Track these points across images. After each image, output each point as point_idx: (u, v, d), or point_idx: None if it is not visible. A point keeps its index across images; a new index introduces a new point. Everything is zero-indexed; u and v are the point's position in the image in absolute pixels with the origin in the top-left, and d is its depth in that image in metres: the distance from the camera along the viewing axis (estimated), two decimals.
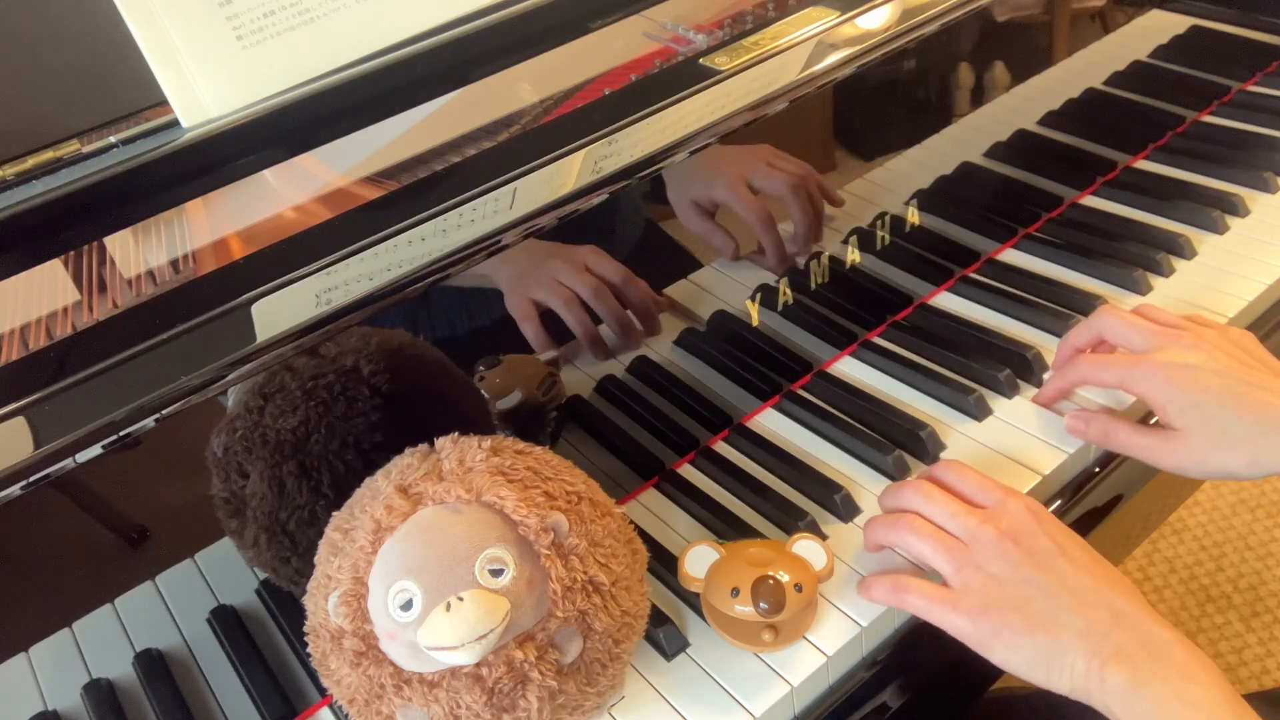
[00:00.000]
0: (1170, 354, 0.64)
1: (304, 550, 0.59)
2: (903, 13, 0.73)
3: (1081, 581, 0.55)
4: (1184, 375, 0.63)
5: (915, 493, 0.62)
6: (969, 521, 0.58)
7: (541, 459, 0.55)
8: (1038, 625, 0.54)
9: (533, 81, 0.70)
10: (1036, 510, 0.59)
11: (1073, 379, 0.71)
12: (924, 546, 0.59)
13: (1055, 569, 0.55)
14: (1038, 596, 0.54)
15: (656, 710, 0.58)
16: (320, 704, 0.61)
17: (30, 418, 0.48)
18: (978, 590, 0.56)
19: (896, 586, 0.59)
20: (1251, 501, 1.54)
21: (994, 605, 0.55)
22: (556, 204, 0.59)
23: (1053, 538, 0.57)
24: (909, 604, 0.58)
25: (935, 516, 0.60)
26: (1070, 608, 0.54)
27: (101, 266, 0.57)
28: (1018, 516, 0.58)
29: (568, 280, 0.65)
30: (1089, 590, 0.54)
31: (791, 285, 0.79)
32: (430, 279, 0.56)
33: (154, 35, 0.61)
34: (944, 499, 0.60)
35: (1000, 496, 0.60)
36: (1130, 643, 0.52)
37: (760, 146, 0.72)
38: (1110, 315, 0.69)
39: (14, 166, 0.60)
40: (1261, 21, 1.03)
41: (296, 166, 0.64)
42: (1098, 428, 0.68)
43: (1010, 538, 0.57)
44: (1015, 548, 0.56)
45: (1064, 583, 0.55)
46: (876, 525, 0.62)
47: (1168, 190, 0.93)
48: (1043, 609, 0.54)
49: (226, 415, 0.58)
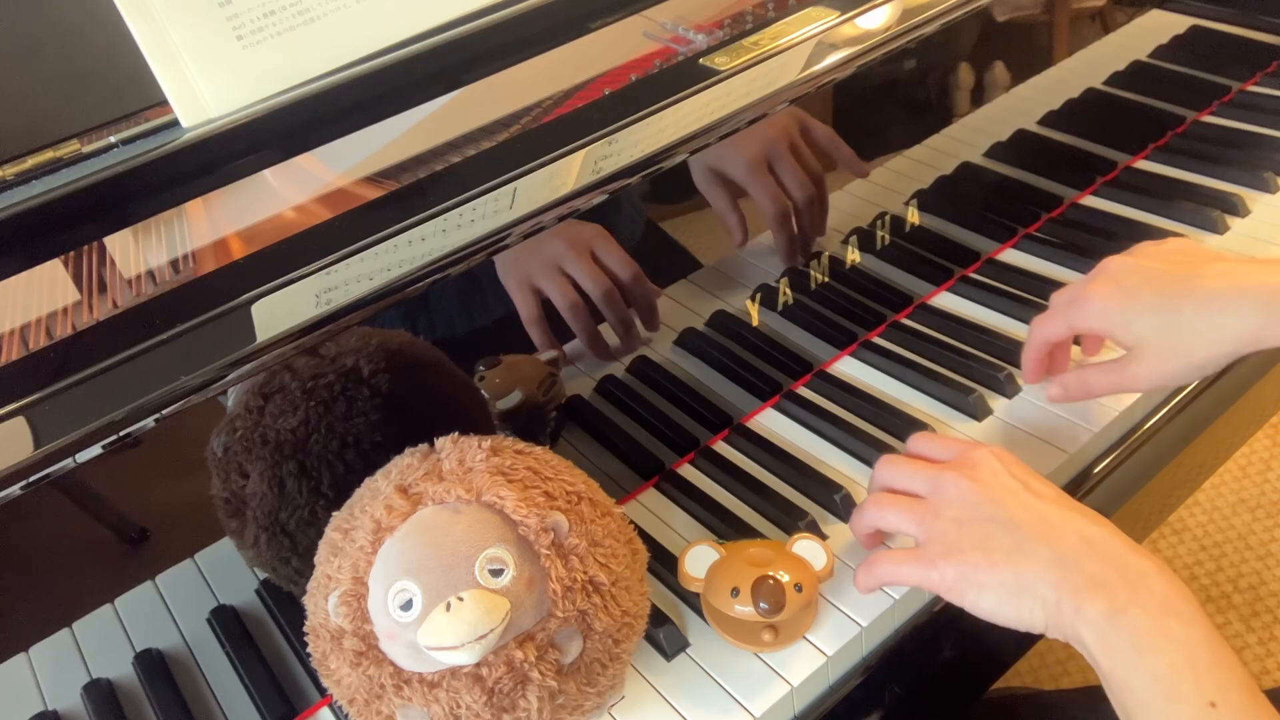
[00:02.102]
0: (1097, 280, 0.64)
1: (304, 550, 0.59)
2: (903, 13, 0.73)
3: (1048, 512, 0.53)
4: (1118, 294, 0.62)
5: (881, 467, 0.61)
6: (929, 473, 0.57)
7: (541, 459, 0.55)
8: (1001, 558, 0.51)
9: (533, 81, 0.70)
10: (1000, 454, 0.57)
11: (1033, 346, 0.69)
12: (889, 514, 0.57)
13: (1019, 501, 0.53)
14: (999, 531, 0.52)
15: (656, 710, 0.58)
16: (320, 704, 0.61)
17: (30, 418, 0.48)
18: (939, 537, 0.54)
19: (869, 565, 0.58)
20: (1251, 501, 1.54)
21: (955, 547, 0.53)
22: (556, 204, 0.59)
23: (1017, 475, 0.55)
24: (884, 575, 0.57)
25: (898, 483, 0.59)
26: (1036, 536, 0.52)
27: (101, 266, 0.57)
28: (980, 460, 0.56)
29: (570, 268, 0.65)
30: (1056, 519, 0.52)
31: (791, 285, 0.79)
32: (430, 279, 0.56)
33: (154, 35, 0.61)
34: (906, 463, 0.59)
35: (963, 449, 0.58)
36: (1104, 570, 0.50)
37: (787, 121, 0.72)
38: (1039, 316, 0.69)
39: (14, 166, 0.60)
40: (1261, 21, 1.03)
41: (296, 166, 0.64)
42: (1075, 384, 0.67)
43: (970, 478, 0.55)
44: (975, 486, 0.54)
45: (1028, 512, 0.53)
46: (854, 514, 0.62)
47: (1168, 190, 0.93)
48: (1005, 542, 0.52)
49: (226, 415, 0.58)
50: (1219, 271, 0.60)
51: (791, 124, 0.72)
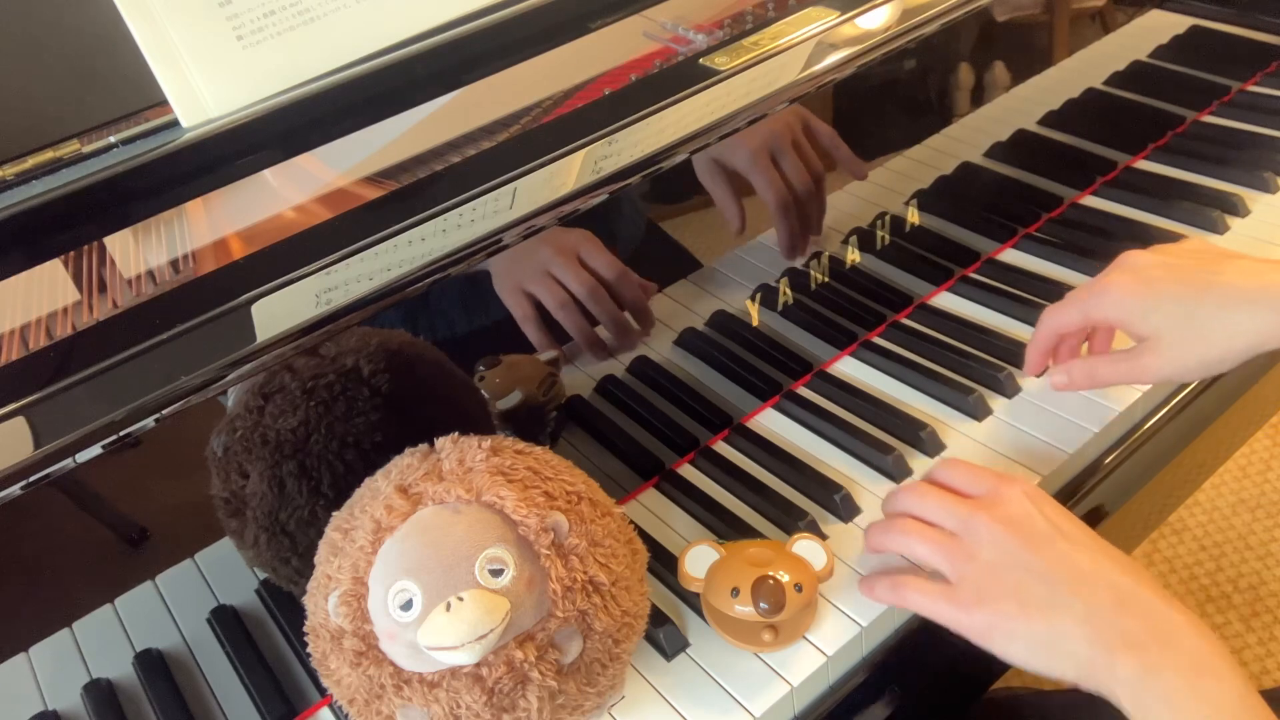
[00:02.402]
0: (1118, 271, 0.64)
1: (304, 550, 0.59)
2: (903, 13, 0.73)
3: (1081, 562, 0.53)
4: (1136, 285, 0.62)
5: (908, 494, 0.61)
6: (960, 511, 0.57)
7: (541, 459, 0.55)
8: (1034, 611, 0.52)
9: (533, 81, 0.70)
10: (1033, 494, 0.57)
11: (1042, 335, 0.69)
12: (919, 547, 0.57)
13: (1053, 551, 0.53)
14: (1033, 581, 0.52)
15: (656, 710, 0.58)
16: (320, 704, 0.61)
17: (30, 418, 0.48)
18: (972, 581, 0.54)
19: (895, 585, 0.58)
20: (1251, 501, 1.54)
21: (989, 595, 0.53)
22: (556, 204, 0.59)
23: (1050, 519, 0.55)
24: (909, 601, 0.57)
25: (928, 514, 0.59)
26: (1070, 590, 0.52)
27: (101, 266, 0.57)
28: (1012, 501, 0.56)
29: (559, 272, 0.65)
30: (1089, 571, 0.52)
31: (791, 285, 0.79)
32: (430, 279, 0.56)
33: (154, 35, 0.61)
34: (935, 495, 0.59)
35: (994, 484, 0.58)
36: (1138, 628, 0.50)
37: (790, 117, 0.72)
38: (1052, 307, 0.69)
39: (14, 166, 0.60)
40: (1261, 21, 1.03)
41: (296, 166, 0.64)
42: (1081, 373, 0.67)
43: (1004, 523, 0.55)
44: (1009, 533, 0.54)
45: (1062, 564, 0.53)
46: (874, 531, 0.62)
47: (1168, 190, 0.93)
48: (1039, 594, 0.52)
49: (226, 415, 0.58)
50: (1241, 268, 0.61)
51: (794, 119, 0.72)
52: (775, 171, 0.72)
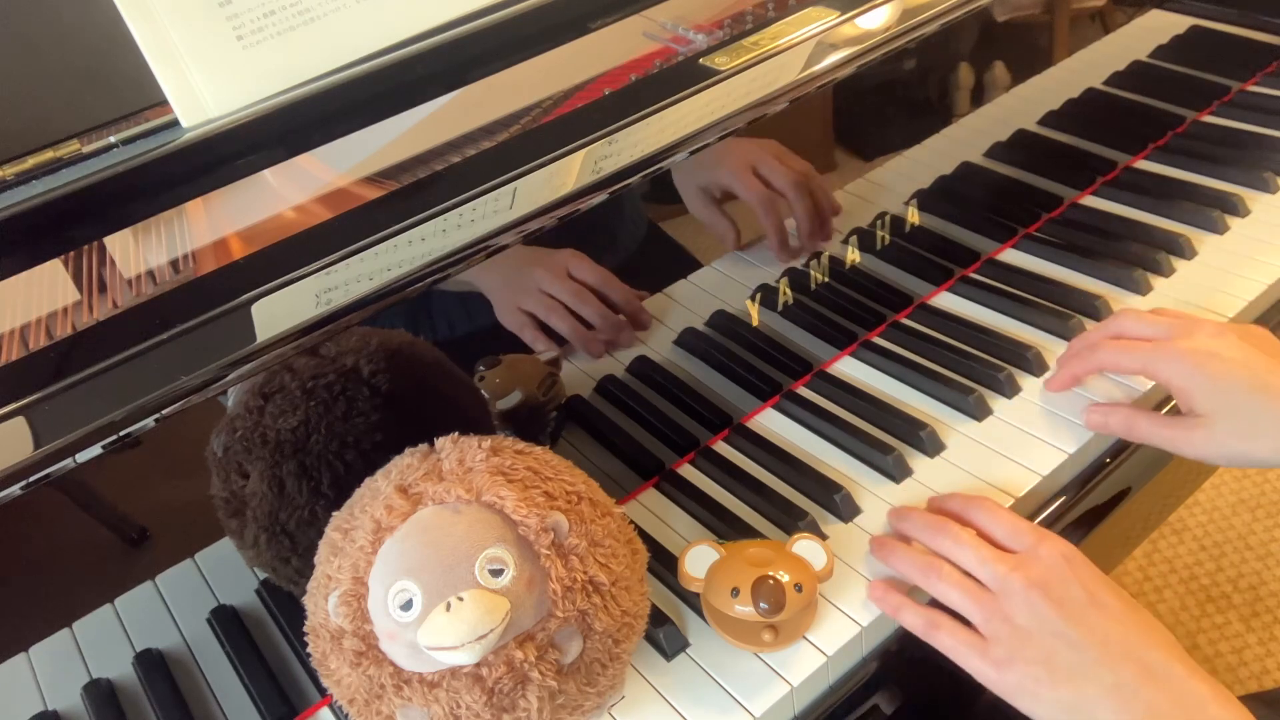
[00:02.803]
0: (1195, 340, 0.64)
1: (304, 550, 0.59)
2: (903, 13, 0.73)
3: (1111, 632, 0.54)
4: (1209, 362, 0.62)
5: (943, 534, 0.60)
6: (999, 569, 0.57)
7: (541, 459, 0.55)
8: (1063, 679, 0.53)
9: (533, 81, 0.70)
10: (1070, 555, 0.57)
11: (1092, 365, 0.70)
12: (953, 594, 0.58)
13: (1085, 620, 0.54)
14: (1064, 649, 0.53)
15: (656, 710, 0.58)
16: (320, 704, 0.61)
17: (30, 418, 0.48)
18: (1005, 640, 0.55)
19: (930, 623, 0.58)
20: (1251, 501, 1.54)
21: (1019, 657, 0.54)
22: (556, 204, 0.59)
23: (1084, 585, 0.56)
24: (938, 641, 0.58)
25: (965, 562, 0.59)
26: (1098, 660, 0.53)
27: (101, 266, 0.57)
28: (1049, 563, 0.56)
29: (551, 289, 0.65)
30: (1118, 642, 0.53)
31: (791, 285, 0.79)
32: (430, 279, 0.56)
33: (154, 35, 0.61)
34: (974, 543, 0.59)
35: (1032, 542, 0.58)
36: (1163, 701, 0.51)
37: (767, 141, 0.72)
38: (1127, 314, 0.69)
39: (14, 166, 0.60)
40: (1261, 21, 1.03)
41: (296, 166, 0.64)
42: (1119, 420, 0.68)
43: (1040, 587, 0.55)
44: (1044, 598, 0.55)
45: (1093, 634, 0.54)
46: (901, 561, 0.61)
47: (1168, 190, 0.93)
48: (1069, 661, 0.53)
49: (226, 415, 0.58)
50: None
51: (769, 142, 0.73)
52: (758, 181, 0.72)
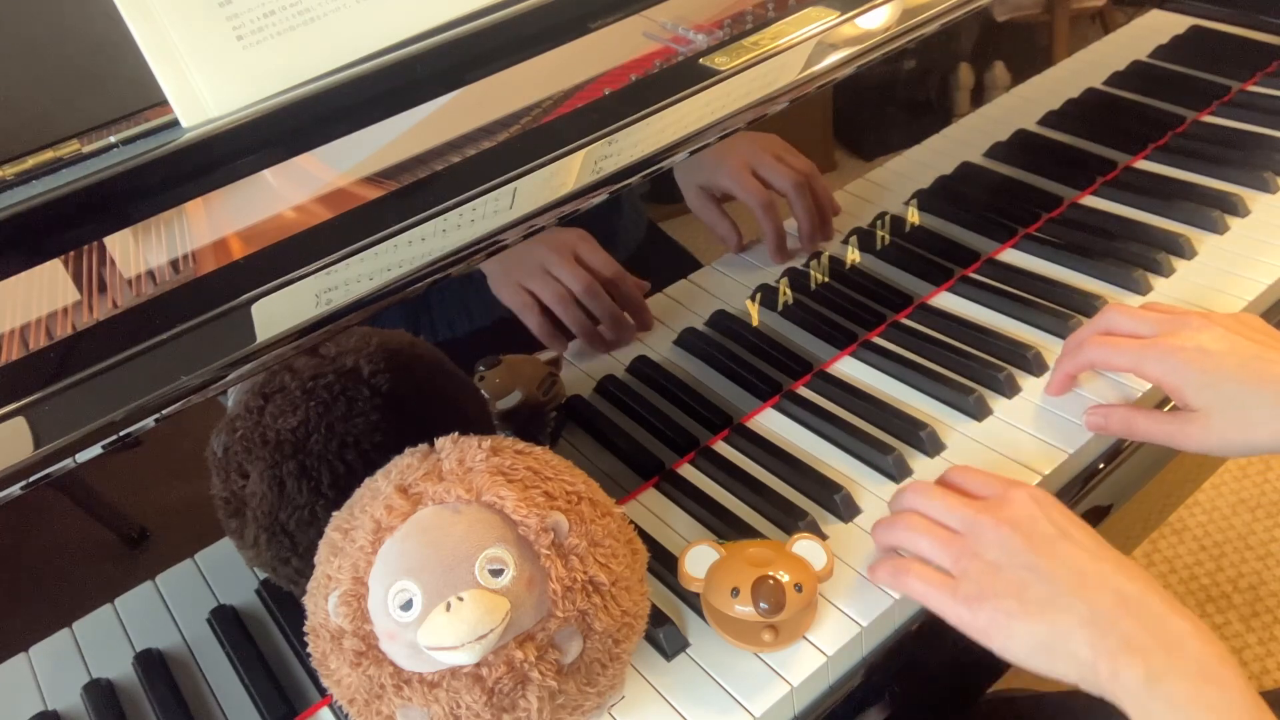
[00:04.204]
0: (1182, 336, 0.64)
1: (304, 550, 0.59)
2: (903, 13, 0.73)
3: (1085, 564, 0.53)
4: (1197, 357, 0.62)
5: (914, 493, 0.61)
6: (966, 512, 0.57)
7: (541, 459, 0.55)
8: (1035, 610, 0.52)
9: (533, 81, 0.70)
10: (1039, 497, 0.57)
11: (1082, 362, 0.70)
12: (921, 540, 0.58)
13: (1056, 553, 0.54)
14: (1036, 581, 0.53)
15: (656, 710, 0.58)
16: (320, 704, 0.61)
17: (30, 418, 0.48)
18: (975, 577, 0.55)
19: (897, 569, 0.59)
20: (1251, 501, 1.54)
21: (990, 592, 0.54)
22: (556, 204, 0.59)
23: (1055, 522, 0.55)
24: (909, 586, 0.58)
25: (934, 512, 0.59)
26: (1072, 591, 0.52)
27: (101, 266, 0.57)
28: (1019, 503, 0.57)
29: (555, 270, 0.65)
30: (1092, 574, 0.52)
31: (791, 285, 0.79)
32: (430, 279, 0.56)
33: (154, 35, 0.61)
34: (941, 494, 0.60)
35: (1001, 487, 0.59)
36: (1140, 633, 0.50)
37: (768, 137, 0.72)
38: (1115, 310, 0.69)
39: (14, 166, 0.60)
40: (1261, 21, 1.03)
41: (296, 166, 0.64)
42: (1118, 420, 0.68)
43: (1009, 524, 0.55)
44: (1014, 533, 0.55)
45: (1064, 565, 0.53)
46: (879, 527, 0.62)
47: (1168, 190, 0.93)
48: (1041, 594, 0.52)
49: (226, 415, 0.58)
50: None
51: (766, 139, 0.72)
52: (756, 182, 0.72)
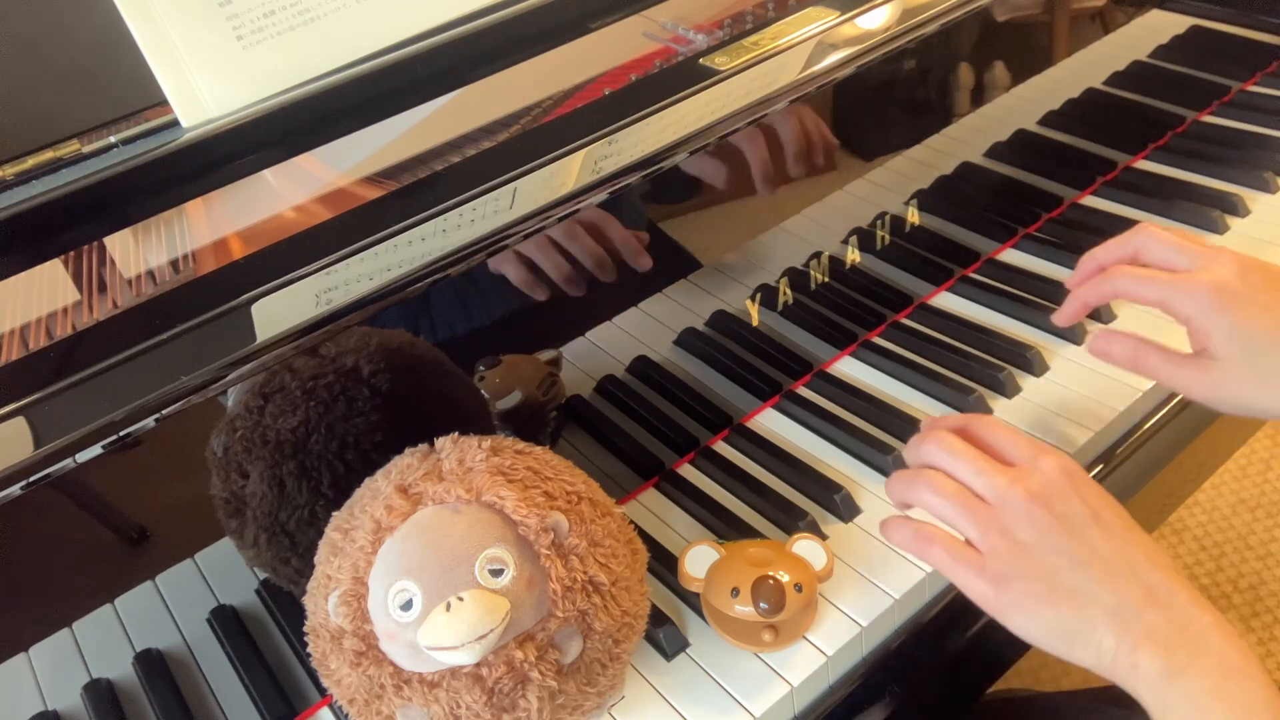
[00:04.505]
0: (1219, 275, 0.59)
1: (304, 550, 0.59)
2: (903, 13, 0.73)
3: (1114, 551, 0.51)
4: (1233, 302, 0.58)
5: (939, 446, 0.56)
6: (997, 480, 0.54)
7: (541, 459, 0.55)
8: (1063, 596, 0.51)
9: (533, 81, 0.70)
10: (1071, 470, 0.54)
11: (1106, 292, 0.64)
12: (947, 507, 0.55)
13: (1086, 537, 0.52)
14: (1065, 566, 0.51)
15: (656, 710, 0.58)
16: (320, 704, 0.61)
17: (30, 418, 0.48)
18: (1003, 555, 0.52)
19: (920, 535, 0.55)
20: (1251, 501, 1.54)
21: (1018, 573, 0.52)
22: (556, 204, 0.59)
23: (1086, 501, 0.53)
24: (932, 556, 0.55)
25: (960, 473, 0.55)
26: (1099, 580, 0.51)
27: (101, 266, 0.57)
28: (1049, 477, 0.53)
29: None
30: (1121, 562, 0.51)
31: (791, 285, 0.79)
32: (430, 279, 0.56)
33: (154, 35, 0.61)
34: (970, 454, 0.55)
35: (1032, 454, 0.55)
36: (1164, 625, 0.49)
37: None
38: (1149, 233, 0.63)
39: (14, 166, 0.60)
40: (1261, 21, 1.03)
41: (296, 166, 0.64)
42: (1123, 349, 0.63)
43: (1040, 501, 0.53)
44: (1045, 512, 0.52)
45: (1094, 552, 0.51)
46: (897, 481, 0.58)
47: (1168, 190, 0.93)
48: (1069, 580, 0.51)
49: (226, 415, 0.58)
50: None
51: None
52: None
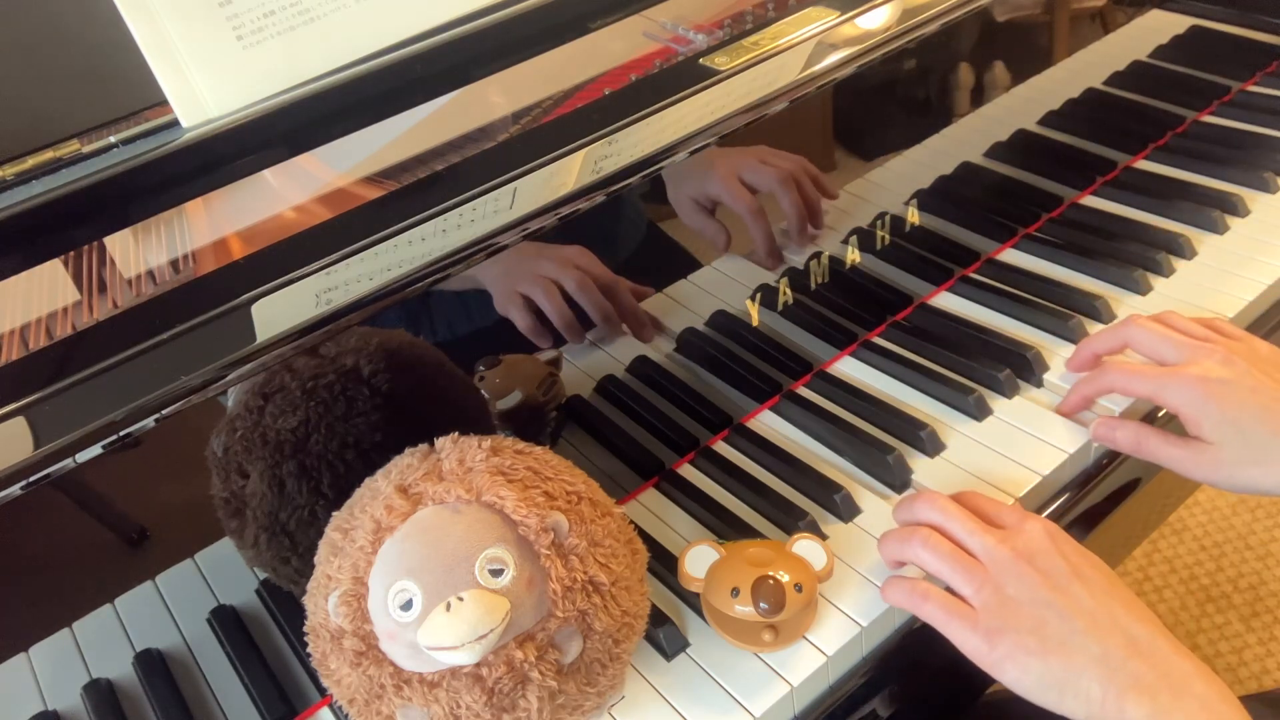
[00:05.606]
0: (1204, 367, 0.64)
1: (304, 550, 0.59)
2: (903, 13, 0.73)
3: (1097, 605, 0.54)
4: (1219, 391, 0.62)
5: (931, 506, 0.61)
6: (987, 540, 0.57)
7: (541, 459, 0.55)
8: (1052, 648, 0.53)
9: (533, 81, 0.70)
10: (1053, 532, 0.58)
11: (1100, 387, 0.70)
12: (942, 564, 0.58)
13: (1070, 591, 0.55)
14: (1052, 618, 0.54)
15: (656, 710, 0.58)
16: (320, 704, 0.61)
17: (30, 418, 0.48)
18: (995, 610, 0.55)
19: (915, 592, 0.58)
20: (1251, 501, 1.54)
21: (1009, 627, 0.54)
22: (556, 204, 0.59)
23: (1067, 559, 0.56)
24: (926, 612, 0.58)
25: (953, 532, 0.59)
26: (1085, 630, 0.53)
27: (101, 266, 0.57)
28: (1034, 537, 0.57)
29: (553, 274, 0.65)
30: (1104, 614, 0.54)
31: (791, 285, 0.79)
32: (430, 279, 0.56)
33: (154, 35, 0.61)
34: (961, 515, 0.59)
35: (1016, 517, 0.59)
36: (1148, 673, 0.51)
37: (756, 147, 0.72)
38: (1138, 326, 0.69)
39: (14, 166, 0.60)
40: (1261, 21, 1.03)
41: (296, 166, 0.64)
42: (1127, 435, 0.68)
43: (1026, 558, 0.56)
44: (1031, 569, 0.56)
45: (1079, 605, 0.54)
46: (892, 539, 0.61)
47: (1168, 190, 0.93)
48: (1057, 631, 0.54)
49: (226, 415, 0.58)
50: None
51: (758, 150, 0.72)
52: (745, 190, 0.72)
